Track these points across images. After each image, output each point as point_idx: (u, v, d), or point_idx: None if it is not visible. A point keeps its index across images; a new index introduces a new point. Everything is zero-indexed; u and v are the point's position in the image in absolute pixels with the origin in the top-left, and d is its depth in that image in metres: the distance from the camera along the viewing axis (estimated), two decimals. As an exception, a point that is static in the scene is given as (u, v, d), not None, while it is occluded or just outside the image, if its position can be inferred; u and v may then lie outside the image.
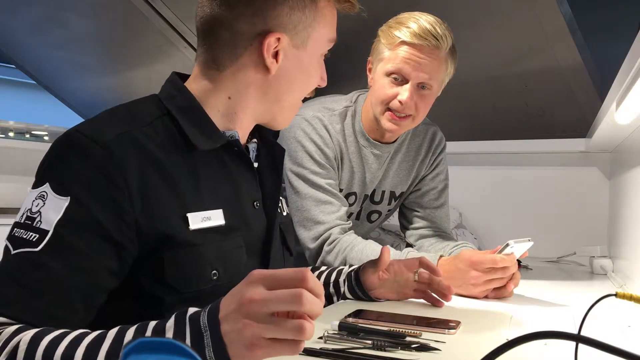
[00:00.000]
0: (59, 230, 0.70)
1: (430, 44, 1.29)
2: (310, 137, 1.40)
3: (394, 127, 1.38)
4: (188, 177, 0.81)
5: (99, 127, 0.78)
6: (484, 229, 2.25)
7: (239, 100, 0.88)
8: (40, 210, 0.72)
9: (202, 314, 0.63)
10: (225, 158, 0.87)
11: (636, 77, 1.01)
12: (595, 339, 0.43)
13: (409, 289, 1.11)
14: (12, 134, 3.66)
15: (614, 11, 2.31)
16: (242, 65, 0.86)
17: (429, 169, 1.59)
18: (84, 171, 0.73)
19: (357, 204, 1.53)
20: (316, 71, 0.91)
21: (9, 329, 0.65)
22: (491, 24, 1.96)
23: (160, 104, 0.86)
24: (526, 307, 1.12)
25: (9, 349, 0.63)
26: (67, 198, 0.72)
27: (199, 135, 0.84)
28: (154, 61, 2.81)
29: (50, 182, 0.73)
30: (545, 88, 2.12)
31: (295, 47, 0.87)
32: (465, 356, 0.75)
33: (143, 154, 0.77)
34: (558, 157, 2.23)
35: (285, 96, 0.90)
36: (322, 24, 0.88)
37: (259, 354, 0.60)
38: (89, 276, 0.72)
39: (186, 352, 0.42)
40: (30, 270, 0.69)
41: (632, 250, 1.46)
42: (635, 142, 1.52)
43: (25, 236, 0.71)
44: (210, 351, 0.60)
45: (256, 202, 0.91)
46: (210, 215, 0.82)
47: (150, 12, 2.45)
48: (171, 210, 0.78)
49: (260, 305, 0.59)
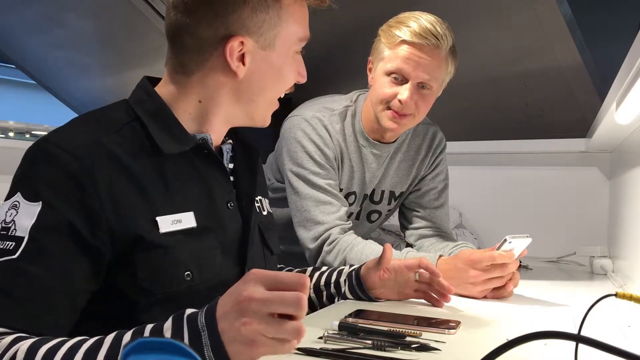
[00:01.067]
0: (33, 235, 0.71)
1: (430, 43, 1.29)
2: (310, 138, 1.40)
3: (394, 126, 1.37)
4: (157, 181, 0.82)
5: (67, 136, 0.79)
6: (484, 229, 2.25)
7: (211, 103, 0.88)
8: (14, 219, 0.72)
9: (200, 314, 0.63)
10: (196, 160, 0.87)
11: (636, 77, 1.01)
12: (595, 339, 0.43)
13: (409, 289, 1.11)
14: (12, 134, 3.66)
15: (614, 11, 2.31)
16: (209, 70, 0.86)
17: (428, 169, 1.59)
18: (53, 177, 0.74)
19: (356, 204, 1.53)
20: (290, 69, 0.90)
21: (6, 339, 0.66)
22: (491, 24, 1.97)
23: (130, 109, 0.86)
24: (526, 307, 1.12)
25: (6, 359, 0.63)
26: (38, 203, 0.72)
27: (168, 138, 0.84)
28: (154, 61, 2.80)
29: (21, 190, 0.74)
30: (545, 88, 2.12)
31: (262, 48, 0.85)
32: (465, 356, 0.75)
33: (112, 161, 0.77)
34: (558, 157, 2.22)
35: (259, 97, 0.89)
36: (289, 22, 0.86)
37: (258, 351, 0.61)
38: (68, 278, 0.72)
39: (186, 352, 0.42)
40: (11, 278, 0.69)
41: (632, 250, 1.46)
42: (635, 142, 1.52)
43: (2, 246, 0.71)
44: (208, 350, 0.61)
45: (230, 202, 0.91)
46: (181, 218, 0.82)
47: (150, 12, 2.45)
48: (141, 214, 0.78)
49: (260, 305, 0.60)
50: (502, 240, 1.15)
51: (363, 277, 1.10)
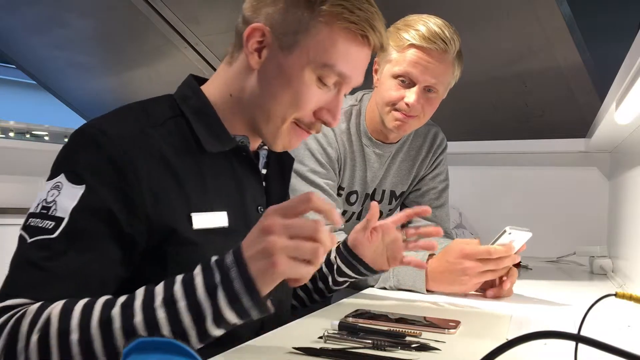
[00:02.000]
0: (74, 217, 0.72)
1: (438, 47, 1.29)
2: (314, 136, 1.40)
3: (400, 128, 1.38)
4: (195, 177, 0.82)
5: (113, 123, 0.80)
6: (484, 229, 2.24)
7: (236, 99, 0.88)
8: (56, 199, 0.73)
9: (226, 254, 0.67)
10: (234, 161, 0.89)
11: (636, 77, 1.01)
12: (595, 339, 0.43)
13: (398, 252, 1.08)
14: (12, 134, 3.66)
15: (614, 11, 2.31)
16: (240, 61, 0.87)
17: (429, 168, 1.60)
18: (97, 162, 0.75)
19: (358, 203, 1.54)
20: (305, 90, 0.84)
21: (32, 307, 0.67)
22: (491, 24, 1.97)
23: (175, 104, 0.87)
24: (526, 307, 1.12)
25: (40, 325, 0.65)
26: (82, 186, 0.73)
27: (209, 137, 0.85)
28: (154, 61, 2.81)
29: (65, 172, 0.75)
30: (545, 88, 2.12)
31: (280, 48, 0.83)
32: (465, 356, 0.75)
33: (153, 152, 0.79)
34: (558, 157, 2.23)
35: (267, 103, 0.86)
36: (316, 37, 0.82)
37: (279, 270, 0.64)
38: (101, 262, 0.73)
39: (186, 352, 0.42)
40: (48, 256, 0.70)
41: (632, 250, 1.46)
42: (635, 142, 1.53)
43: (41, 224, 0.72)
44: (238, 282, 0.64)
45: (260, 207, 0.91)
46: (214, 216, 0.83)
47: (150, 12, 2.45)
48: (177, 208, 0.79)
49: (281, 228, 0.65)
50: (501, 231, 1.15)
51: (352, 244, 1.07)
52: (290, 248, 0.64)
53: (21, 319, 0.66)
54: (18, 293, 0.69)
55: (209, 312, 0.65)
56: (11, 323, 0.66)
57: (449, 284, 1.19)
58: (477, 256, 1.15)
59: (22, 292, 0.69)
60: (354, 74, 0.86)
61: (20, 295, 0.69)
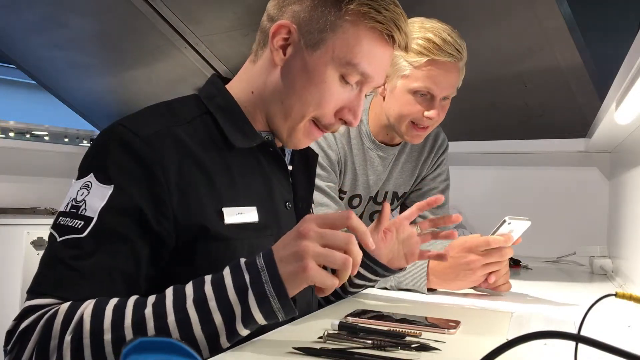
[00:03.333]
0: (103, 217, 0.73)
1: (455, 58, 1.29)
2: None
3: (419, 137, 1.39)
4: (224, 173, 0.84)
5: (141, 122, 0.81)
6: (484, 229, 2.24)
7: (259, 95, 0.89)
8: (85, 198, 0.74)
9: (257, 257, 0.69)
10: (261, 157, 0.90)
11: (636, 77, 1.01)
12: (595, 339, 0.43)
13: (415, 247, 1.07)
14: (12, 134, 3.66)
15: (614, 11, 2.31)
16: (264, 59, 0.89)
17: (430, 169, 1.60)
18: (126, 162, 0.76)
19: (361, 206, 1.54)
20: (327, 88, 0.85)
21: (63, 306, 0.68)
22: (491, 24, 1.97)
23: (201, 103, 0.89)
24: (526, 307, 1.12)
25: (73, 325, 0.66)
26: (110, 186, 0.74)
27: (237, 133, 0.86)
28: (154, 61, 2.81)
29: (94, 172, 0.76)
30: (545, 88, 2.12)
31: (305, 46, 0.84)
32: (465, 356, 0.75)
33: (182, 150, 0.79)
34: (558, 157, 2.23)
35: (288, 99, 0.87)
36: (342, 36, 0.83)
37: (308, 274, 0.66)
38: (131, 261, 0.74)
39: (186, 352, 0.42)
40: (77, 255, 0.71)
41: (632, 250, 1.46)
42: (635, 142, 1.53)
43: (71, 224, 0.73)
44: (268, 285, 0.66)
45: (288, 202, 0.92)
46: (244, 211, 0.84)
47: (150, 12, 2.45)
48: (207, 203, 0.80)
49: (316, 235, 0.67)
50: (501, 221, 1.15)
51: None
52: (321, 255, 0.67)
53: (53, 318, 0.67)
54: (46, 291, 0.70)
55: (239, 312, 0.66)
56: (42, 322, 0.67)
57: (454, 280, 1.18)
58: (478, 248, 1.15)
59: (50, 290, 0.70)
60: (377, 73, 0.87)
61: (49, 294, 0.70)
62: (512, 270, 1.73)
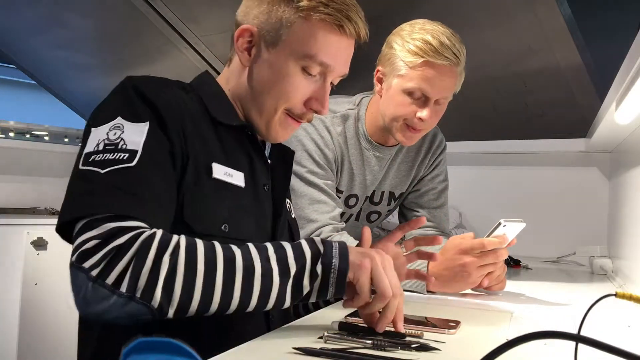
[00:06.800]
0: (146, 149, 0.79)
1: (452, 63, 1.29)
2: (311, 137, 1.40)
3: (410, 138, 1.39)
4: (215, 141, 0.90)
5: (151, 79, 0.88)
6: (484, 229, 2.24)
7: (235, 94, 0.97)
8: (122, 136, 0.79)
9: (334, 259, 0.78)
10: (244, 138, 0.96)
11: (636, 77, 1.01)
12: (595, 339, 0.43)
13: (402, 268, 1.10)
14: (12, 134, 3.66)
15: (614, 11, 2.31)
16: (236, 60, 0.97)
17: (428, 169, 1.60)
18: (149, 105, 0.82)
19: (358, 206, 1.54)
20: (293, 82, 0.92)
21: (158, 231, 0.73)
22: (491, 25, 1.97)
23: (191, 88, 0.95)
24: (526, 307, 1.12)
25: (171, 249, 0.72)
26: (146, 123, 0.81)
27: (220, 112, 0.93)
28: (154, 61, 2.81)
29: (121, 115, 0.81)
30: (545, 88, 2.12)
31: (266, 45, 0.92)
32: (465, 356, 0.75)
33: (184, 108, 0.87)
34: (558, 157, 2.23)
35: (256, 95, 0.94)
36: (298, 31, 0.90)
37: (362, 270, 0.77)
38: (173, 188, 0.81)
39: (186, 351, 0.42)
40: (133, 181, 0.76)
41: (632, 250, 1.46)
42: (635, 142, 1.53)
43: (113, 156, 0.77)
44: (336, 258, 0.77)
45: (266, 185, 0.97)
46: (233, 174, 0.90)
47: (150, 12, 2.45)
48: (201, 156, 0.86)
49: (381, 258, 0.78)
50: (496, 224, 1.15)
51: None
52: (378, 268, 0.77)
53: (150, 241, 0.71)
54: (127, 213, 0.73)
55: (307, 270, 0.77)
56: (140, 241, 0.71)
57: (450, 282, 1.19)
58: (473, 250, 1.15)
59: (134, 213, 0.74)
60: (336, 62, 0.93)
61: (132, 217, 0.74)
62: (512, 270, 1.74)
